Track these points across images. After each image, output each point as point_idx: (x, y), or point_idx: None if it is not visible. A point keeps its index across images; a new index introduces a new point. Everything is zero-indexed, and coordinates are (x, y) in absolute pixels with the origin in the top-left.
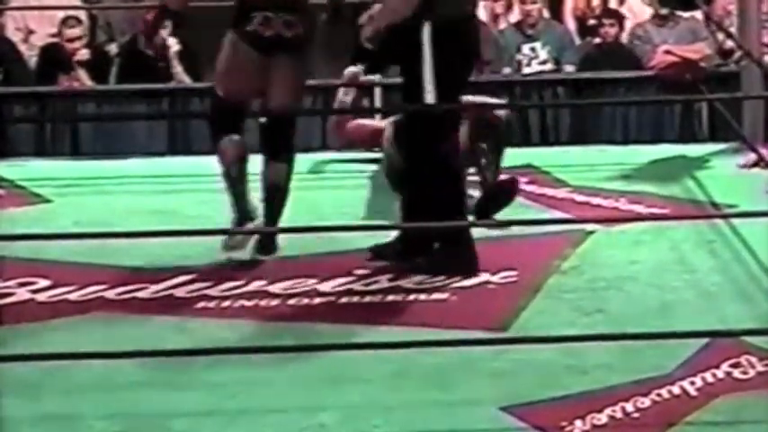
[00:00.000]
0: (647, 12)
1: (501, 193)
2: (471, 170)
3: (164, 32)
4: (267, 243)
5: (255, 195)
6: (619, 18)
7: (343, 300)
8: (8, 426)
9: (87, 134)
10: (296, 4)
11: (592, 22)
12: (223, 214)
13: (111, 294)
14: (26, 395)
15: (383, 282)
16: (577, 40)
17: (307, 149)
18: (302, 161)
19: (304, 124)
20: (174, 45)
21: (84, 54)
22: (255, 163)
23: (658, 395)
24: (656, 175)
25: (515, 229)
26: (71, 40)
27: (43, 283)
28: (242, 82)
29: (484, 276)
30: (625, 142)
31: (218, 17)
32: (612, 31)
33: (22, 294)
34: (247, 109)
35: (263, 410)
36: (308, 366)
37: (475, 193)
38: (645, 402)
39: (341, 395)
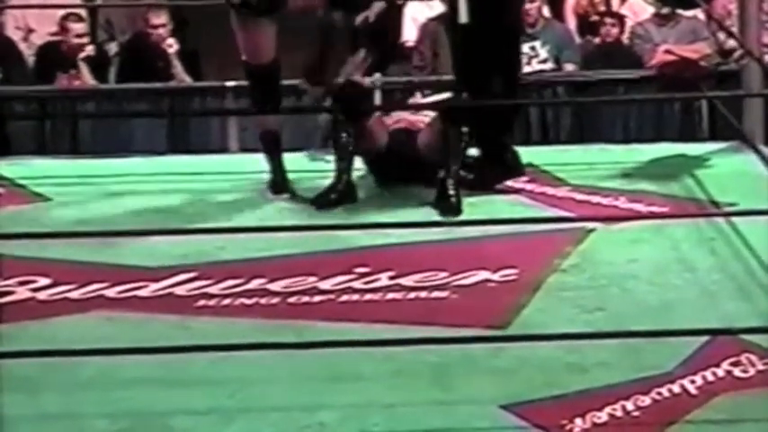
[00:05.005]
0: (649, 11)
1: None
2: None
3: (163, 32)
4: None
5: None
6: (620, 19)
7: (344, 298)
8: (8, 424)
9: (87, 133)
10: None
11: (594, 18)
12: (222, 212)
13: (111, 293)
14: (26, 393)
15: (384, 279)
16: (578, 39)
17: (308, 149)
18: (301, 160)
19: (305, 124)
20: (172, 45)
21: (89, 50)
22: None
23: (659, 393)
24: (657, 173)
25: (515, 228)
26: (76, 35)
27: (43, 281)
28: (256, 44)
29: (484, 274)
30: (625, 141)
31: (219, 17)
32: (614, 31)
33: (23, 293)
34: (275, 70)
35: (262, 409)
36: (307, 365)
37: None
38: (645, 401)
39: (341, 393)
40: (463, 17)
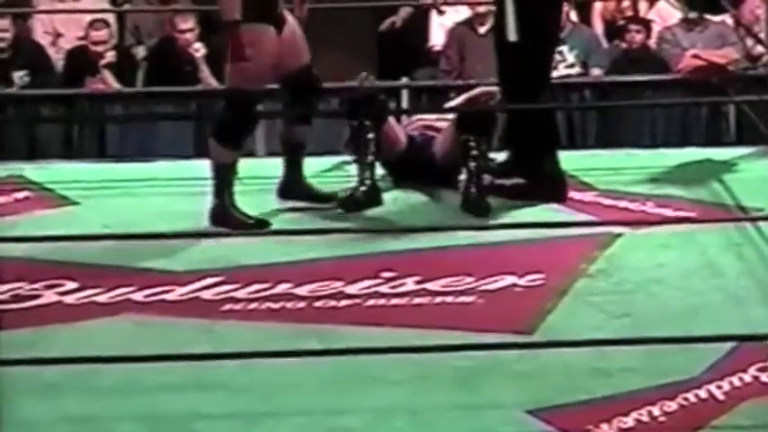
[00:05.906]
0: (677, 15)
1: None
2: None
3: (190, 36)
4: None
5: None
6: (646, 25)
7: (370, 302)
8: (31, 428)
9: (114, 136)
10: None
11: (621, 22)
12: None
13: (138, 297)
14: (49, 397)
15: (410, 284)
16: (605, 44)
17: (332, 152)
18: (324, 163)
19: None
20: (199, 49)
21: (110, 57)
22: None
23: (685, 399)
24: (684, 178)
25: (542, 232)
26: (96, 43)
27: (71, 285)
28: None
29: (510, 279)
30: (652, 146)
31: None
32: (639, 37)
33: (50, 296)
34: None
35: (287, 413)
36: (332, 369)
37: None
38: (671, 406)
39: (366, 398)
40: (512, 35)
